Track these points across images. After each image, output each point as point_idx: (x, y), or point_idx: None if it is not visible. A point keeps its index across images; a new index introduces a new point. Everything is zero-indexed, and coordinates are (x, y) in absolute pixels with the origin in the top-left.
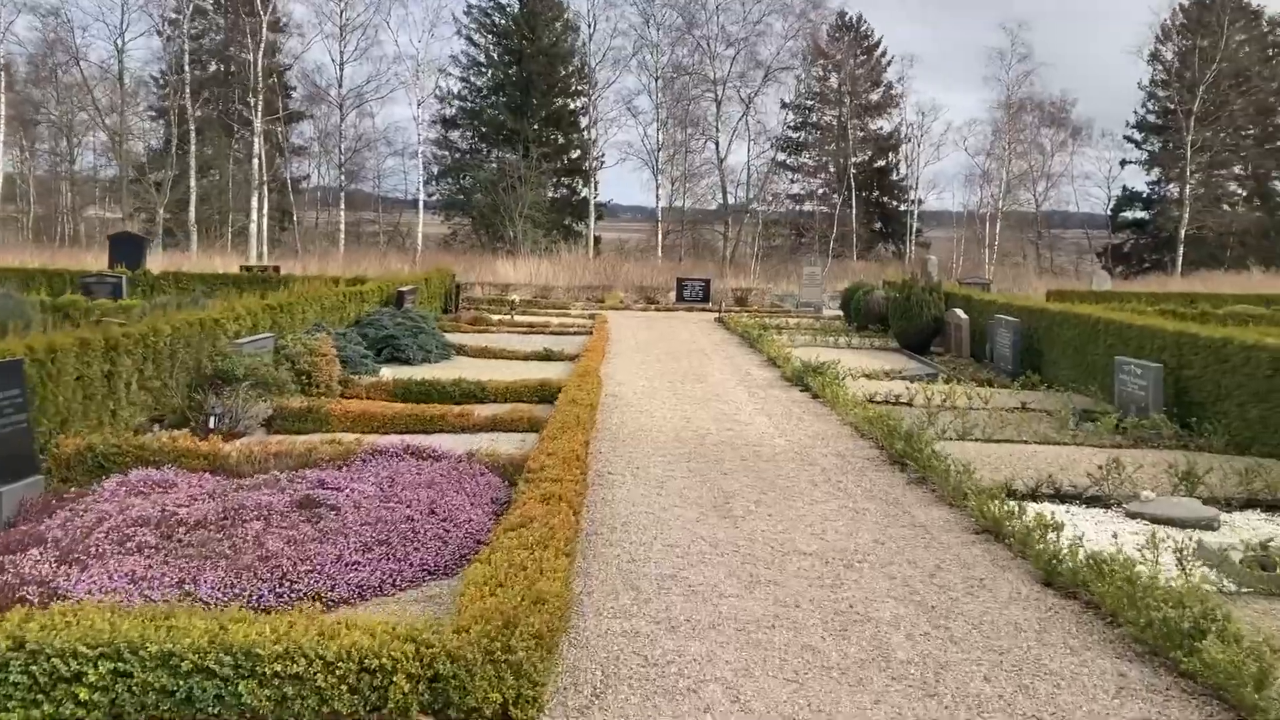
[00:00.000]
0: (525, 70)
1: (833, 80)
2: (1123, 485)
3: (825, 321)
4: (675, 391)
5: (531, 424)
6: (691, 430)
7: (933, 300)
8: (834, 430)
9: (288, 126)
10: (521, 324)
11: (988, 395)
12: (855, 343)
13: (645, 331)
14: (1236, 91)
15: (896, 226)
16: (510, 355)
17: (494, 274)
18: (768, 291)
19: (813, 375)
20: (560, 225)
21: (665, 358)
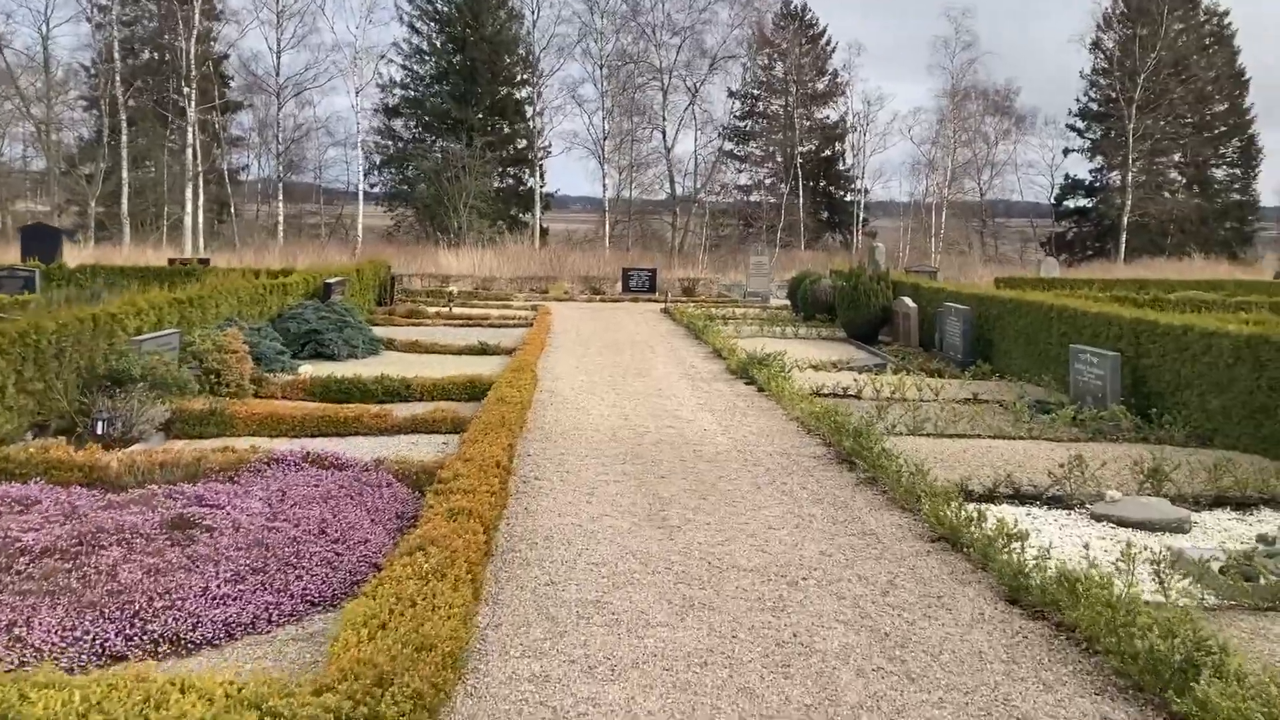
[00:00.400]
0: (469, 58)
1: (778, 69)
2: (1085, 484)
3: (772, 311)
4: (615, 387)
5: (455, 425)
6: (630, 429)
7: (880, 289)
8: (779, 426)
9: (225, 117)
10: (459, 316)
11: (938, 386)
12: (802, 333)
13: (589, 323)
14: (1176, 80)
15: (843, 216)
16: (443, 350)
17: (436, 265)
18: (715, 281)
19: (758, 368)
20: (506, 216)
21: (607, 350)
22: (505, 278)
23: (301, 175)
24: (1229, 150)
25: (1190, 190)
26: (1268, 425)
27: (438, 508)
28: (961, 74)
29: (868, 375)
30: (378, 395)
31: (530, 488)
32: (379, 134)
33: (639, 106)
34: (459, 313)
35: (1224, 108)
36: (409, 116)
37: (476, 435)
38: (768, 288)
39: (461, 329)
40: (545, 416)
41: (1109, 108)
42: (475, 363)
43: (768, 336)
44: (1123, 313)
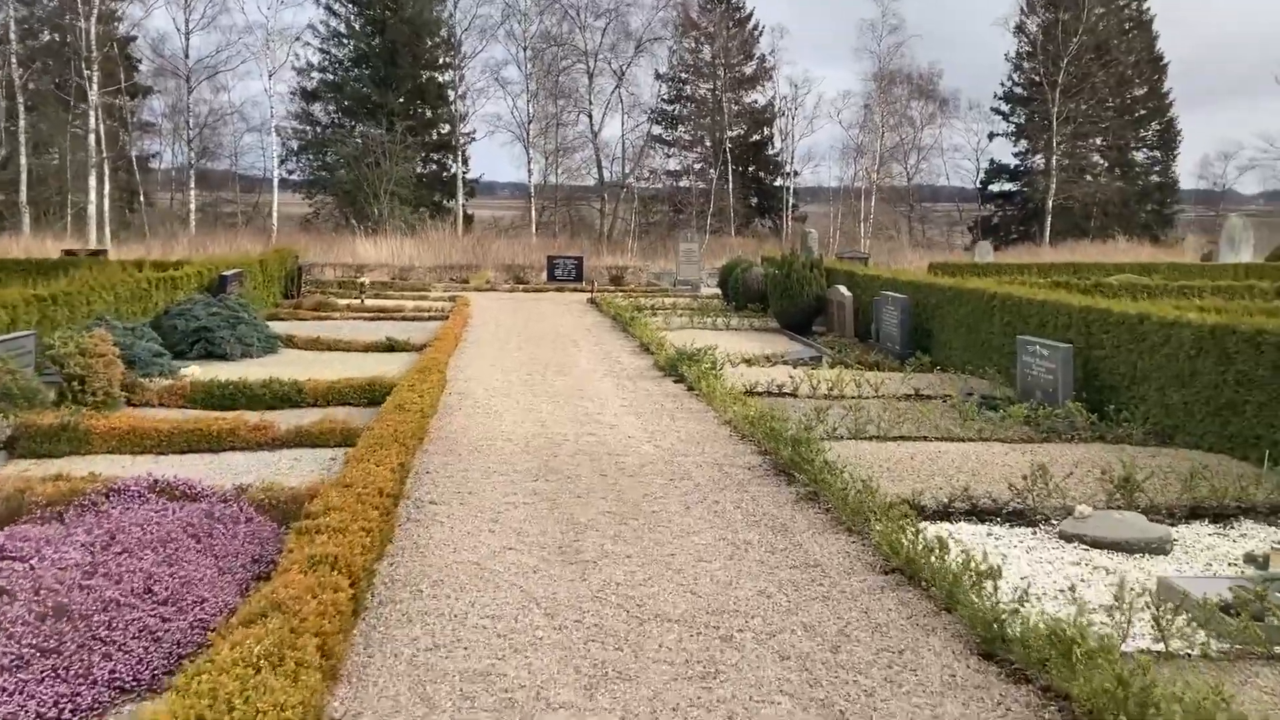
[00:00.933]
0: (389, 41)
1: (705, 53)
2: (1050, 496)
3: (703, 301)
4: (533, 387)
5: (345, 437)
6: (546, 437)
7: (814, 277)
8: (711, 431)
9: (134, 101)
10: (371, 309)
11: (877, 381)
12: (734, 324)
13: (509, 315)
14: (1098, 64)
15: (773, 202)
16: (346, 347)
17: (353, 254)
18: (644, 269)
19: (687, 364)
20: (430, 202)
21: (527, 345)
22: (425, 267)
23: (217, 162)
24: (1149, 134)
25: (1112, 173)
26: (1235, 423)
27: (297, 553)
28: (888, 57)
29: (803, 370)
30: (266, 401)
31: (424, 515)
32: (296, 119)
33: (564, 90)
34: (372, 305)
35: (1144, 91)
36: (328, 101)
37: (363, 453)
38: (698, 276)
39: (372, 323)
40: (451, 424)
41: (1033, 92)
42: (381, 361)
43: (698, 328)
44: (1071, 300)
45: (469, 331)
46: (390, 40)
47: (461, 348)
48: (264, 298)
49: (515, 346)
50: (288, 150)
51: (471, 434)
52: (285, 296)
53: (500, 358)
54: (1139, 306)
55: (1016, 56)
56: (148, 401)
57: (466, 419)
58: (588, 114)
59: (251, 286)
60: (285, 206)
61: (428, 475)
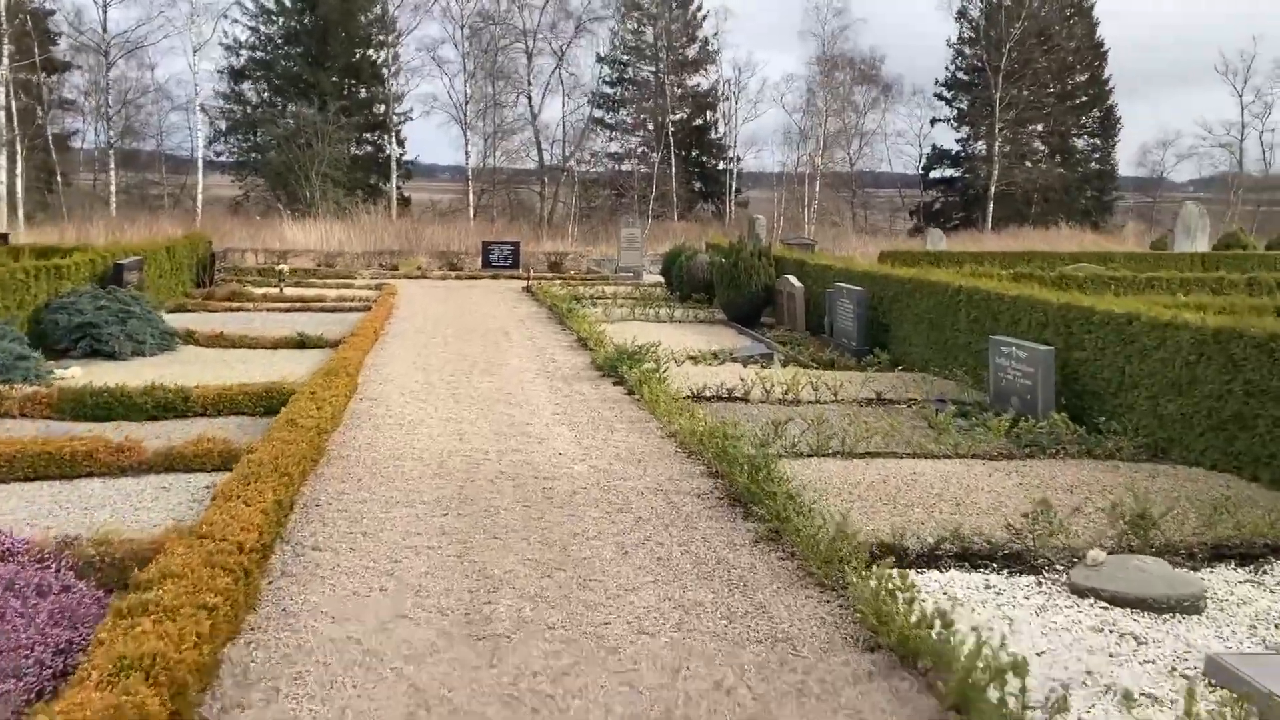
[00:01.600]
0: (320, 18)
1: (648, 34)
2: (1052, 535)
3: (645, 290)
4: (456, 390)
5: (226, 458)
6: (465, 455)
7: (762, 266)
8: (654, 446)
9: (52, 78)
10: (289, 299)
11: (836, 383)
12: (678, 315)
13: (439, 305)
14: (1040, 49)
15: (716, 186)
16: (253, 343)
17: (280, 239)
18: (585, 256)
19: (628, 363)
20: (366, 185)
21: (455, 339)
22: (354, 253)
23: (143, 142)
24: (1089, 120)
25: (1053, 160)
26: (1242, 439)
27: (106, 650)
28: (833, 41)
29: (754, 369)
30: (147, 410)
31: (303, 567)
32: (225, 98)
33: (503, 70)
34: (291, 294)
35: (1084, 78)
36: (258, 80)
37: (234, 487)
38: (640, 262)
39: (287, 315)
40: (356, 439)
41: (975, 77)
42: (290, 360)
43: (640, 320)
44: (1048, 297)
45: (392, 324)
46: (322, 17)
47: (382, 343)
48: (171, 287)
49: (441, 341)
50: (216, 131)
51: (378, 451)
52: (197, 285)
53: (423, 355)
54: (1126, 304)
55: (958, 41)
56: (6, 412)
57: (375, 432)
58: (527, 95)
59: (156, 275)
60: (216, 189)
61: (317, 509)
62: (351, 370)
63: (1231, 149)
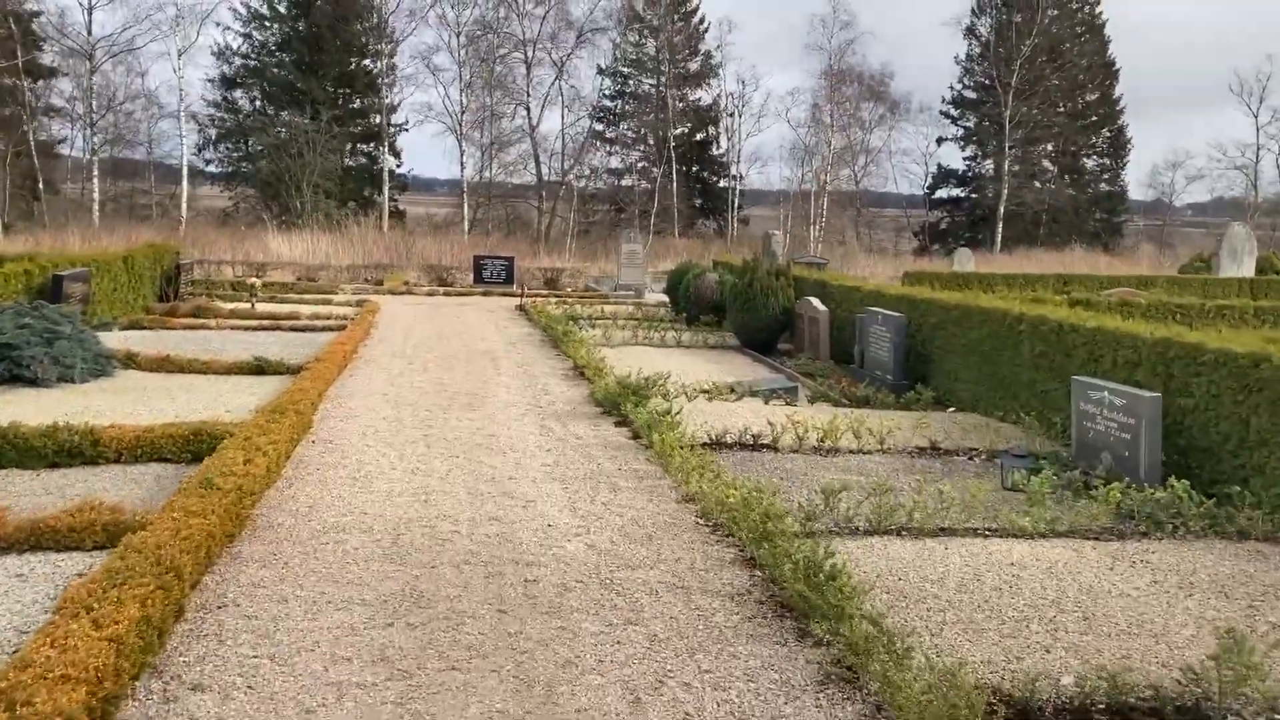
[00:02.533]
0: (314, 25)
1: (650, 47)
2: (1246, 679)
3: (648, 310)
4: (429, 431)
5: (113, 533)
6: (428, 524)
7: (780, 287)
8: (669, 515)
9: (38, 84)
10: (260, 315)
11: (881, 428)
12: (686, 340)
13: (423, 325)
14: (1051, 67)
15: (717, 203)
16: (203, 368)
17: (265, 250)
18: (583, 273)
19: (633, 400)
20: (360, 197)
21: (435, 366)
22: (340, 266)
23: (133, 151)
24: (1099, 140)
25: (1062, 180)
26: None
27: None
28: (839, 54)
29: (778, 405)
30: (46, 455)
31: (171, 716)
32: (216, 106)
33: (501, 81)
34: (264, 310)
35: (1095, 97)
36: (249, 88)
37: (89, 593)
38: (641, 280)
39: (252, 334)
40: (295, 500)
41: (983, 95)
42: (241, 389)
43: (644, 345)
44: (1138, 330)
45: (367, 346)
46: (315, 24)
47: (353, 368)
48: (128, 301)
49: (420, 367)
50: (205, 139)
51: (318, 519)
52: (161, 299)
53: (397, 384)
54: (1242, 340)
55: (966, 59)
56: None
57: (319, 489)
58: (525, 107)
59: (110, 288)
60: (208, 200)
61: (217, 615)
62: (306, 406)
63: (1246, 170)
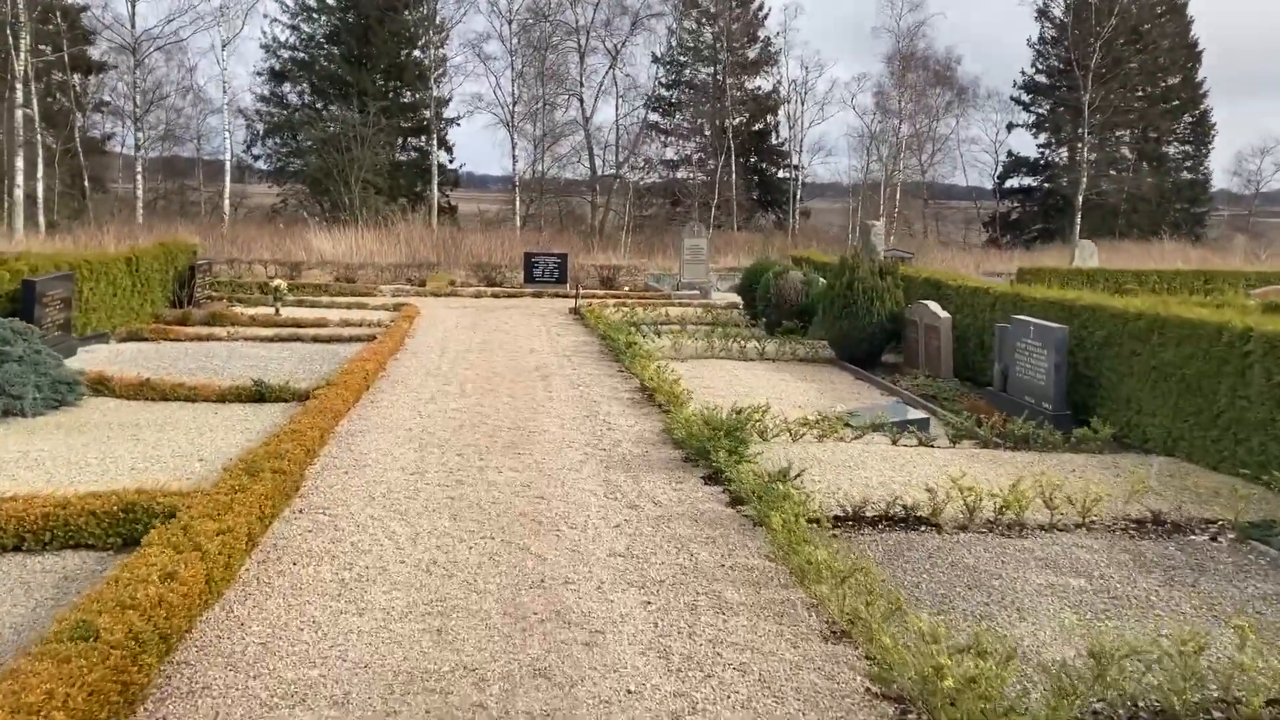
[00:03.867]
0: (363, 15)
1: (707, 35)
2: None
3: (718, 313)
4: (459, 490)
5: None
6: (438, 682)
7: (887, 288)
8: (819, 677)
9: (88, 78)
10: (282, 322)
11: (1083, 498)
12: (770, 350)
13: (465, 333)
14: (1132, 49)
15: (777, 194)
16: (191, 393)
17: (306, 248)
18: (641, 270)
19: (726, 445)
20: (411, 193)
21: (476, 387)
22: (383, 264)
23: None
24: (1181, 126)
25: (1141, 167)
26: None
27: None
28: (908, 37)
29: (910, 445)
30: None
31: None
32: (264, 100)
33: (554, 70)
34: (288, 316)
35: (1177, 80)
36: (298, 81)
37: None
38: (706, 278)
39: (265, 346)
40: (242, 634)
41: (1057, 79)
42: (231, 425)
43: (721, 357)
44: None
45: (398, 361)
46: (365, 14)
47: (375, 392)
48: (132, 308)
49: (457, 389)
50: (253, 134)
51: (265, 682)
52: (173, 304)
53: (426, 413)
54: None
55: (1039, 41)
56: None
57: (284, 608)
58: (579, 97)
59: (108, 293)
60: (257, 196)
61: None
62: (294, 459)
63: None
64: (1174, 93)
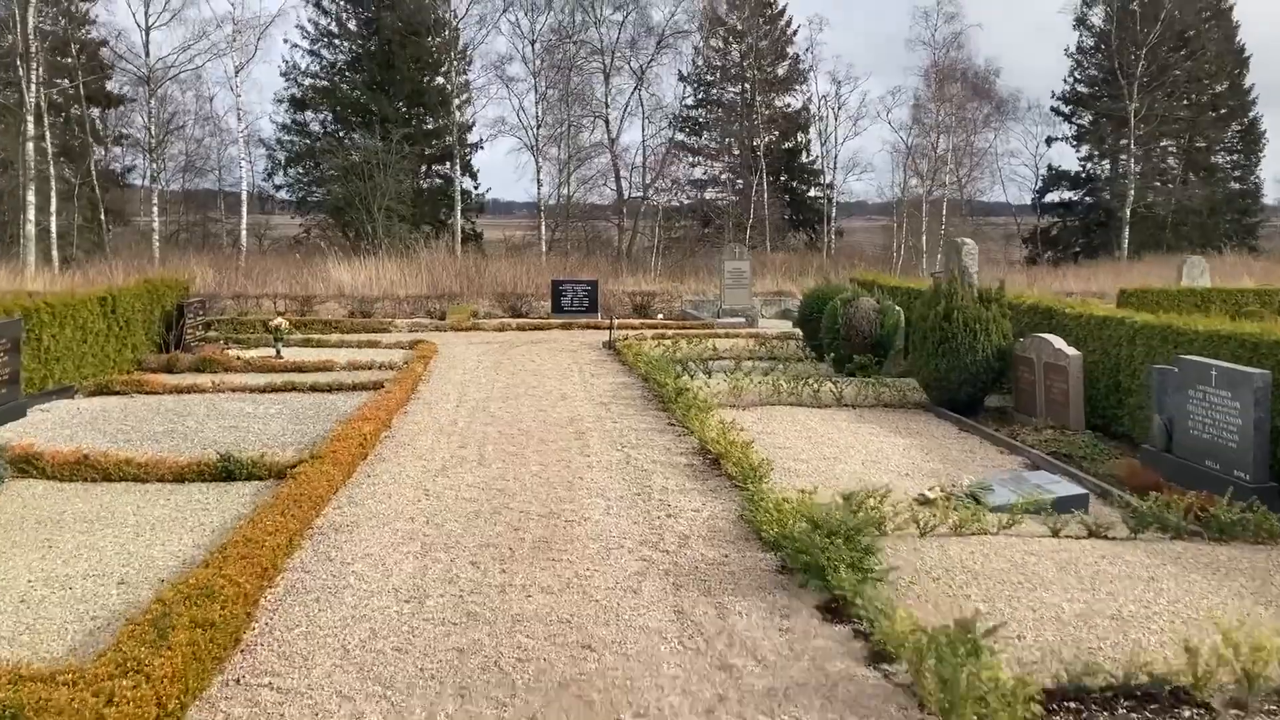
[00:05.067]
0: (385, 41)
1: (734, 53)
2: None
3: (772, 345)
4: (468, 628)
5: None
6: None
7: (993, 319)
8: None
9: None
10: (282, 367)
11: None
12: (848, 395)
13: (486, 376)
14: (1177, 55)
15: (809, 214)
16: (139, 473)
17: (325, 280)
18: (676, 295)
19: (846, 559)
20: (435, 220)
21: (497, 451)
22: (402, 295)
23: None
24: (1228, 135)
25: (1187, 178)
26: None
27: None
28: (944, 49)
29: (1083, 539)
30: None
31: None
32: (285, 129)
33: (578, 91)
34: (290, 358)
35: (1224, 87)
36: (319, 108)
37: None
38: (749, 303)
39: (252, 401)
40: None
41: (1098, 89)
42: (185, 519)
43: (790, 403)
44: None
45: (408, 416)
46: (386, 40)
47: (374, 462)
48: (108, 355)
49: (474, 454)
50: (274, 163)
51: None
52: (161, 348)
53: (434, 491)
54: None
55: (1077, 51)
56: None
57: None
58: (604, 119)
59: (77, 339)
60: (282, 227)
61: None
62: (243, 589)
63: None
64: (1221, 100)
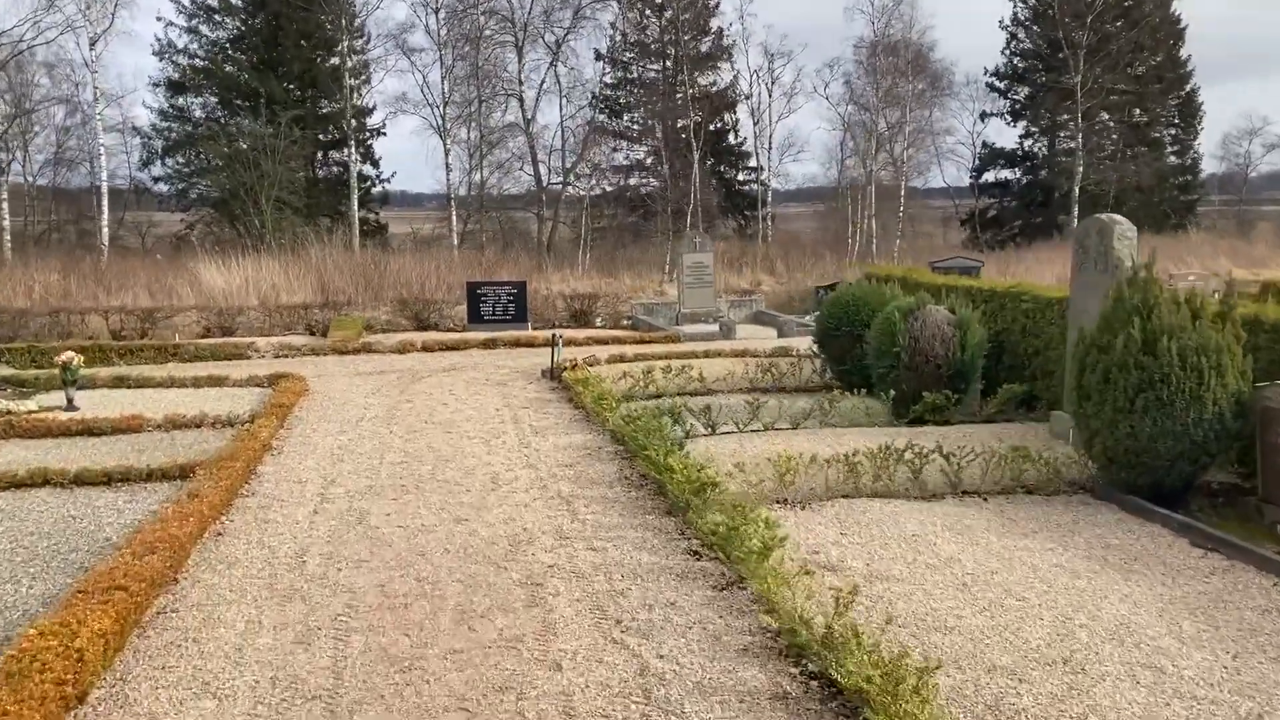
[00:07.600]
0: (271, 15)
1: (653, 28)
2: None
3: (772, 366)
4: None
5: None
6: None
7: (1226, 346)
8: None
9: None
10: (64, 429)
11: None
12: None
13: (372, 436)
14: (1116, 26)
15: (738, 199)
16: None
17: (194, 284)
18: (618, 296)
19: None
20: (334, 212)
21: (372, 663)
22: (282, 304)
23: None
24: (1166, 108)
25: (1126, 154)
26: None
27: None
28: (883, 18)
29: None
30: None
31: None
32: (163, 115)
33: (489, 65)
34: (85, 412)
35: (1160, 59)
36: (200, 91)
37: None
38: (714, 305)
39: None
40: None
41: (1033, 63)
42: None
43: (871, 492)
44: None
45: (220, 541)
46: (274, 14)
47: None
48: None
49: (327, 668)
50: (151, 152)
51: None
52: None
53: None
54: None
55: (1013, 22)
56: None
57: None
58: (518, 97)
59: None
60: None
61: None
62: None
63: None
64: (1160, 71)
